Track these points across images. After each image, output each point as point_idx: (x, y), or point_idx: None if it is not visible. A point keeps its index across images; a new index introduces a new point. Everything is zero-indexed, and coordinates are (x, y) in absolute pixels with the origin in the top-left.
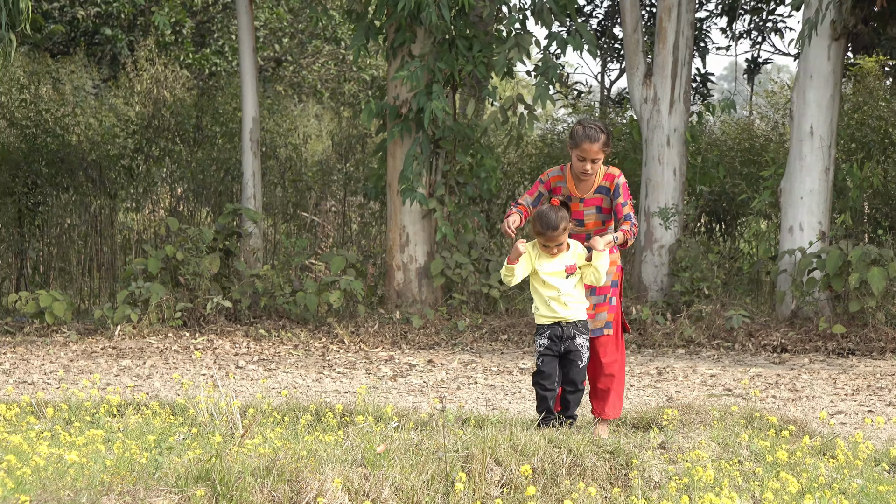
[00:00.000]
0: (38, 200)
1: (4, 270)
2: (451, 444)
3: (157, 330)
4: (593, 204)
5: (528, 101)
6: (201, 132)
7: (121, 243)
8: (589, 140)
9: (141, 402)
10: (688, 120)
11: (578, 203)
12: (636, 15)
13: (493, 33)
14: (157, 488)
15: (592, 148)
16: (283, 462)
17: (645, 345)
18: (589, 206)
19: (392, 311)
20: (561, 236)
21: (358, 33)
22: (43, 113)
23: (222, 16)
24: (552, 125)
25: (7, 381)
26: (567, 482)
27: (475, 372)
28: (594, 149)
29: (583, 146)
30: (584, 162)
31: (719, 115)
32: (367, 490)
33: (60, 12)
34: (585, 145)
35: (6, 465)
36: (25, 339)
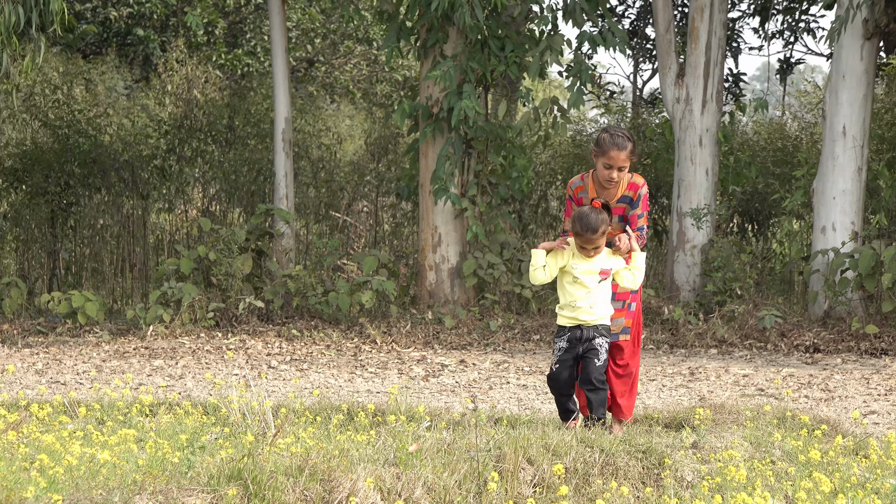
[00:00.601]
0: (70, 201)
1: (37, 271)
2: (484, 444)
3: (190, 330)
4: (616, 213)
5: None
6: (233, 132)
7: (153, 244)
8: (616, 148)
9: (173, 401)
10: (720, 120)
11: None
12: (668, 15)
13: (525, 33)
14: (189, 488)
15: (620, 156)
16: (315, 461)
17: (677, 345)
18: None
19: (424, 311)
20: (599, 239)
21: (390, 34)
22: (76, 114)
23: (254, 16)
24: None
25: (40, 381)
26: (599, 482)
27: (507, 372)
28: (621, 157)
29: (610, 154)
30: (611, 170)
31: (751, 115)
32: (399, 490)
33: (93, 13)
34: (612, 153)
35: (39, 464)
36: (58, 340)
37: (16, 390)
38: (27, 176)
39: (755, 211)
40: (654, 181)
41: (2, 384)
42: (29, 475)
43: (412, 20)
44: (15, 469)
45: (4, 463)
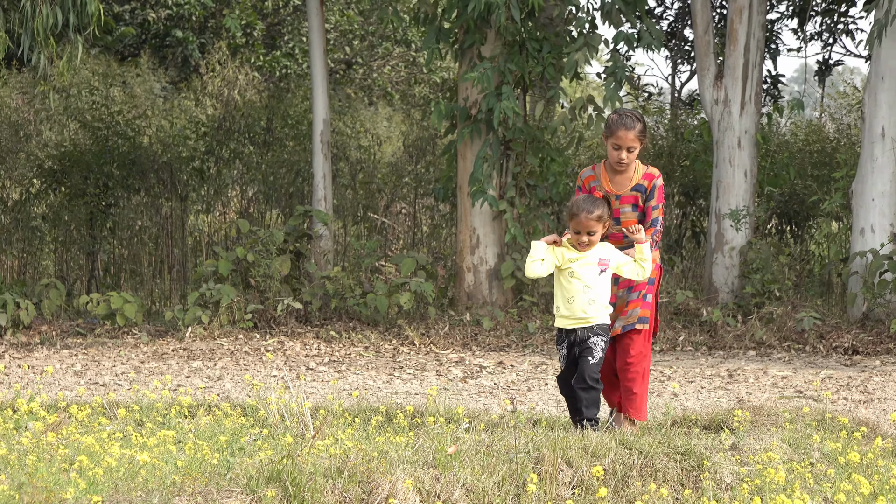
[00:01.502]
0: (109, 202)
1: (76, 272)
2: (523, 446)
3: (228, 332)
4: (629, 202)
5: (597, 102)
6: (272, 134)
7: (191, 245)
8: (624, 127)
9: (212, 403)
10: (758, 122)
11: (615, 200)
12: (707, 17)
13: (563, 35)
14: (228, 489)
15: (628, 136)
16: (354, 463)
17: (716, 346)
18: (625, 203)
19: (462, 312)
20: (595, 224)
21: (428, 36)
22: (114, 115)
23: (292, 18)
24: None
25: (78, 383)
26: (638, 483)
27: (546, 374)
28: (629, 136)
29: (618, 134)
30: (620, 150)
31: (788, 116)
32: (438, 491)
33: (131, 15)
34: (621, 133)
35: (79, 465)
36: (96, 341)
37: (55, 391)
38: (66, 177)
39: (793, 212)
40: (691, 183)
41: (41, 385)
42: (68, 476)
43: (450, 22)
44: (54, 470)
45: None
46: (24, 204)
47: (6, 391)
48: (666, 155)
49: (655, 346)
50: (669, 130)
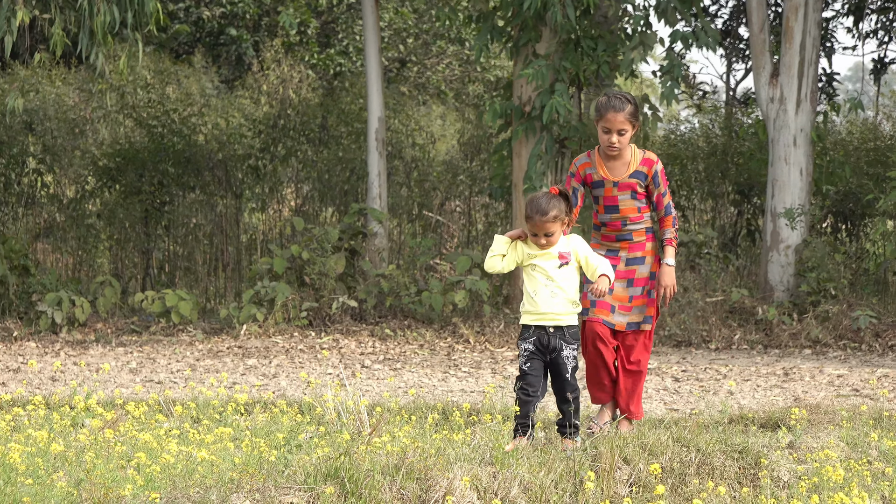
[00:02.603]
0: (164, 200)
1: (131, 270)
2: (580, 443)
3: (283, 329)
4: (628, 188)
5: (653, 100)
6: (327, 132)
7: (246, 243)
8: (613, 109)
9: (268, 400)
10: (814, 120)
11: (612, 187)
12: (762, 14)
13: (618, 33)
14: (286, 486)
15: (617, 118)
16: (411, 460)
17: (771, 345)
18: (623, 190)
19: (517, 310)
20: (550, 225)
21: (482, 33)
22: (170, 113)
23: (347, 16)
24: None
25: (134, 380)
26: (696, 481)
27: None
28: (619, 118)
29: (607, 116)
30: (610, 134)
31: (846, 115)
32: (495, 489)
33: (186, 13)
34: (609, 115)
35: (136, 462)
36: (152, 339)
37: (111, 389)
38: (121, 175)
39: (849, 211)
40: (747, 181)
41: (97, 383)
42: (126, 473)
43: (505, 19)
44: (112, 467)
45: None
46: (79, 202)
47: (62, 388)
48: (720, 153)
49: (711, 345)
50: (724, 129)
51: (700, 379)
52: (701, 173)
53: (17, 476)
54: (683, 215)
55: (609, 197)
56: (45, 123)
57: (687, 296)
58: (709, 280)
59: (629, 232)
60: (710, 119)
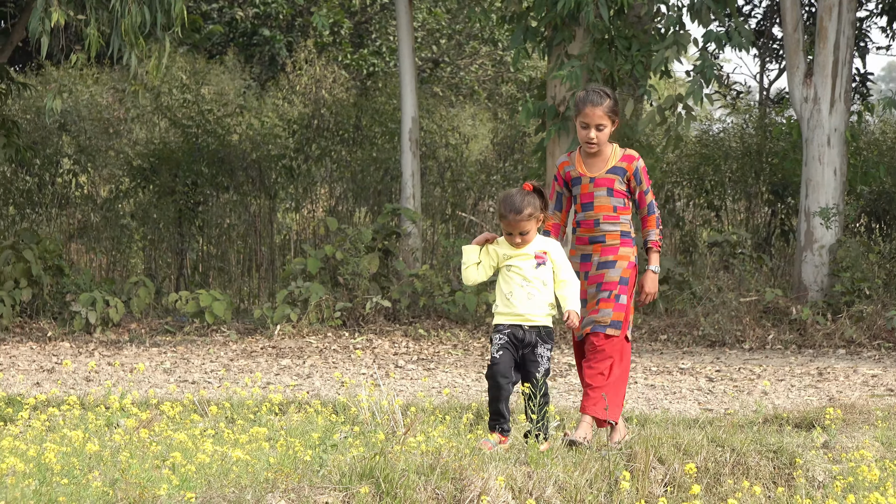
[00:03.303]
0: (198, 200)
1: (164, 270)
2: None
3: (317, 329)
4: (604, 185)
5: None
6: (360, 132)
7: (280, 243)
8: (591, 104)
9: (302, 400)
10: (848, 119)
11: (588, 183)
12: (796, 14)
13: (651, 32)
14: (321, 485)
15: (595, 112)
16: (446, 460)
17: (805, 345)
18: (599, 186)
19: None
20: (525, 223)
21: (516, 34)
22: (204, 114)
23: (380, 16)
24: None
25: (168, 380)
26: (730, 481)
27: (635, 372)
28: (597, 113)
29: (584, 111)
30: (588, 129)
31: (880, 115)
32: (530, 488)
33: (219, 13)
34: (587, 110)
35: (171, 462)
36: (185, 339)
37: (145, 389)
38: (155, 175)
39: (882, 211)
40: (780, 181)
41: (131, 383)
42: (161, 473)
43: (538, 19)
44: (147, 467)
45: (137, 461)
46: (113, 202)
47: (97, 388)
48: (754, 153)
49: (745, 345)
50: (758, 129)
51: (734, 379)
52: (734, 173)
53: (52, 476)
54: (717, 215)
55: (585, 193)
56: (79, 124)
57: (721, 296)
58: (743, 280)
59: (602, 234)
60: (744, 119)
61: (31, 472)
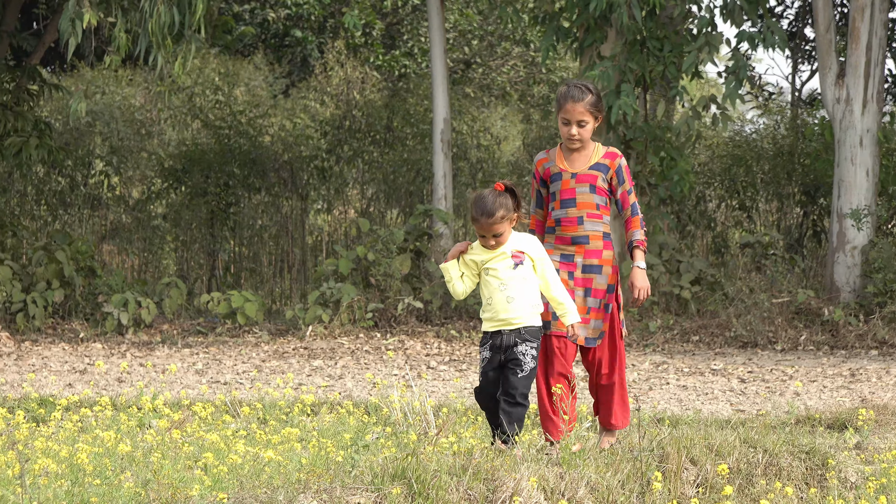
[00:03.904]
0: (230, 201)
1: (196, 271)
2: (647, 444)
3: (349, 330)
4: (587, 181)
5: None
6: (392, 133)
7: (311, 244)
8: (572, 99)
9: (334, 401)
10: (880, 120)
11: (570, 179)
12: (829, 15)
13: (684, 33)
14: (353, 486)
15: (577, 108)
16: (478, 461)
17: (837, 346)
18: (582, 182)
19: None
20: (499, 225)
21: (547, 34)
22: (236, 115)
23: (411, 18)
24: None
25: (200, 381)
26: (763, 482)
27: (667, 373)
28: (578, 109)
29: (566, 107)
30: (569, 126)
31: None
32: (562, 489)
33: (251, 15)
34: (568, 105)
35: (203, 462)
36: (217, 340)
37: (177, 390)
38: (187, 176)
39: None
40: (812, 182)
41: (163, 384)
42: (193, 473)
43: (569, 20)
44: (179, 467)
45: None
46: (145, 203)
47: (129, 389)
48: (786, 154)
49: (777, 346)
50: (790, 130)
51: (766, 380)
52: (767, 174)
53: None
54: (749, 216)
55: (566, 190)
56: (111, 125)
57: (753, 297)
58: (775, 281)
59: (586, 234)
60: (776, 120)
61: (64, 473)
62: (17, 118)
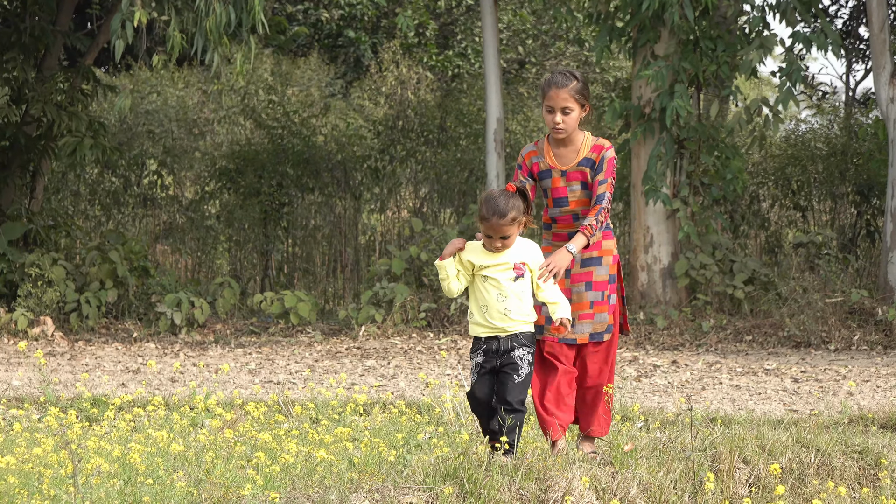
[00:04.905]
0: (283, 201)
1: (249, 271)
2: (699, 444)
3: (401, 330)
4: (577, 178)
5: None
6: (445, 133)
7: (364, 244)
8: (555, 86)
9: (387, 401)
10: None
11: (560, 177)
12: (883, 14)
13: (737, 33)
14: (405, 486)
15: (560, 94)
16: (530, 461)
17: (891, 346)
18: (572, 180)
19: (636, 311)
20: (508, 227)
21: (601, 34)
22: (289, 115)
23: (465, 18)
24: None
25: (253, 381)
26: (815, 482)
27: (720, 372)
28: (561, 95)
29: (549, 94)
30: (553, 113)
31: None
32: (614, 489)
33: (304, 15)
34: (552, 92)
35: (255, 462)
36: (270, 340)
37: (230, 389)
38: (240, 176)
39: None
40: (866, 182)
41: (216, 383)
42: (245, 473)
43: (623, 20)
44: (232, 467)
45: (221, 461)
46: (198, 203)
47: (182, 389)
48: (840, 154)
49: (830, 346)
50: (843, 129)
51: (819, 380)
52: (820, 174)
53: (137, 476)
54: (803, 216)
55: (557, 188)
56: (164, 125)
57: (806, 297)
58: (828, 281)
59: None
60: (830, 120)
61: (116, 473)
62: (72, 118)
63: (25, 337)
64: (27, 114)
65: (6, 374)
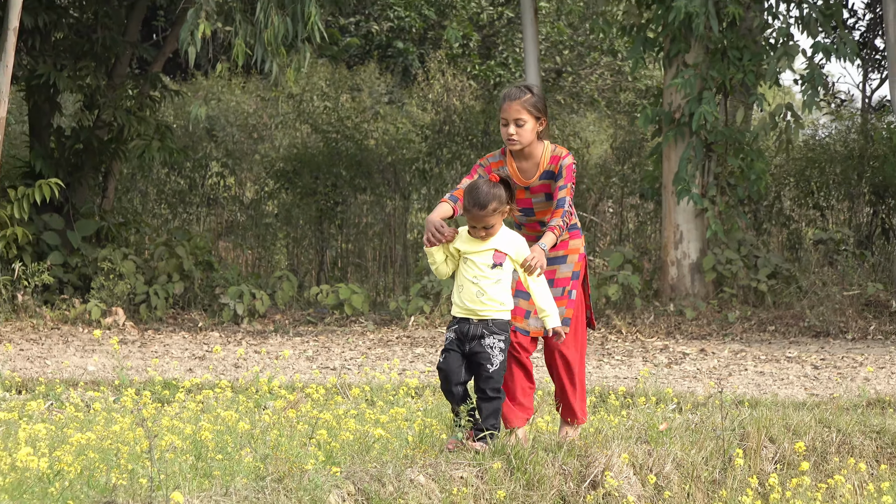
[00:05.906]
0: (337, 201)
1: (306, 266)
2: (728, 424)
3: (448, 320)
4: (541, 191)
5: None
6: (488, 137)
7: (413, 241)
8: (509, 98)
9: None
10: None
11: (524, 191)
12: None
13: (762, 44)
14: (456, 462)
15: (512, 106)
16: (572, 438)
17: None
18: (537, 193)
19: (666, 303)
20: (490, 218)
21: (635, 45)
22: (343, 120)
23: (507, 30)
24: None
25: (311, 367)
26: (836, 459)
27: (745, 360)
28: (514, 107)
29: (503, 106)
30: (507, 126)
31: None
32: (650, 465)
33: (356, 27)
34: (505, 105)
35: (317, 439)
36: (326, 329)
37: (290, 374)
38: (297, 178)
39: None
40: (881, 183)
41: (277, 369)
42: (308, 449)
43: (655, 32)
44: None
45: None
46: (258, 202)
47: (245, 374)
48: (857, 156)
49: (847, 335)
50: (860, 134)
51: (838, 367)
52: (838, 175)
53: (207, 452)
54: (822, 215)
55: (522, 199)
56: (226, 129)
57: (825, 290)
58: (846, 275)
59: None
60: (847, 125)
61: (188, 449)
62: (140, 122)
63: (99, 326)
64: (99, 119)
65: (82, 360)
